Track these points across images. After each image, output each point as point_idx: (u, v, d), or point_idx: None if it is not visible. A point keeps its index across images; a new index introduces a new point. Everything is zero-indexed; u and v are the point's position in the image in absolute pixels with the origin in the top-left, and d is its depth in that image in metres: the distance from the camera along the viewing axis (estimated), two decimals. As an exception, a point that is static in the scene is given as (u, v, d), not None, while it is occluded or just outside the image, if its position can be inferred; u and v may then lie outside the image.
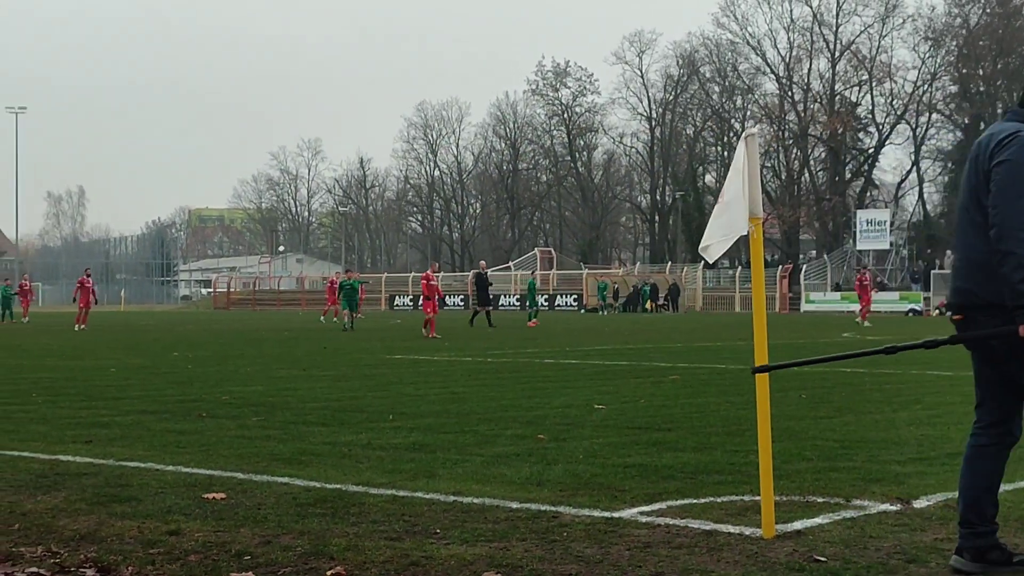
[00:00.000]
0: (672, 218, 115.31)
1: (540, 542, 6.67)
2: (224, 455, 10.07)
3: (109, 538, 6.85)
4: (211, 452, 10.27)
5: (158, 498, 8.09)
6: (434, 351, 27.65)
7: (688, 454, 9.88)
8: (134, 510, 7.65)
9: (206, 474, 9.09)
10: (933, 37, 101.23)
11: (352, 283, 44.48)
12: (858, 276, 54.79)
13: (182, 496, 8.15)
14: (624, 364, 22.48)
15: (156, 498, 8.09)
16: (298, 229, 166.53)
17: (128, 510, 7.65)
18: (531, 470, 9.08)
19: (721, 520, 7.18)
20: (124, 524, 7.20)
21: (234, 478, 8.89)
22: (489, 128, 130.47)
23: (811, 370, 20.38)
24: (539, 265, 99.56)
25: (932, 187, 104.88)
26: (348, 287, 44.19)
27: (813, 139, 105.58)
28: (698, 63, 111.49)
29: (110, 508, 7.72)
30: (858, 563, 6.12)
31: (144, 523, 7.22)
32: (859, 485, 8.34)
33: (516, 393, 15.98)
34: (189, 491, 8.34)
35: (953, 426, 11.77)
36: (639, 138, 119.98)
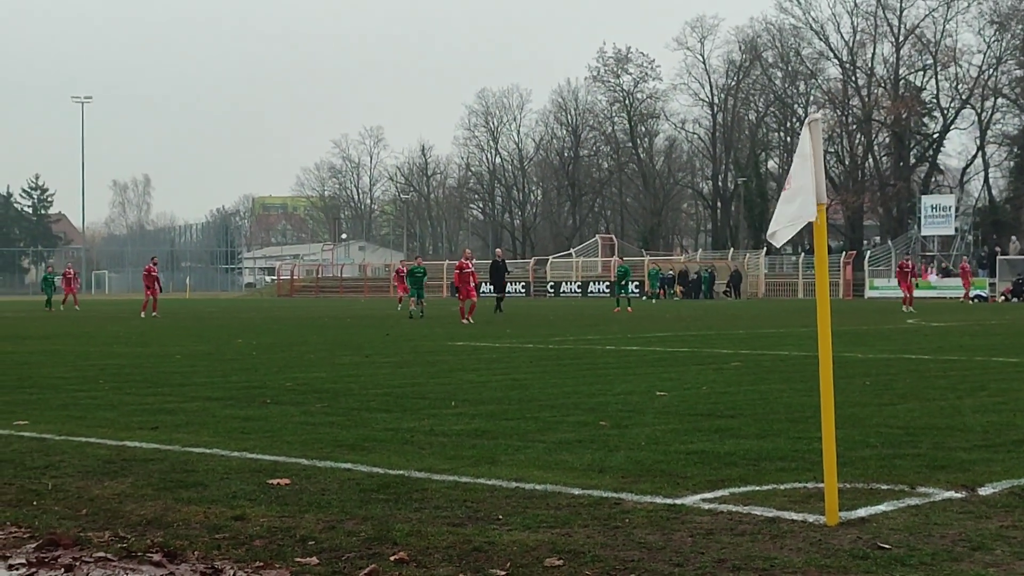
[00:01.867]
0: (734, 204, 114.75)
1: (602, 528, 6.67)
2: (288, 441, 10.15)
3: (175, 523, 6.93)
4: (275, 438, 10.35)
5: (223, 484, 8.16)
6: (496, 338, 27.68)
7: (751, 441, 9.85)
8: (200, 495, 7.73)
9: (271, 460, 9.16)
10: (998, 21, 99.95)
11: (419, 269, 43.69)
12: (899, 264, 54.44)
13: (247, 482, 8.22)
14: (686, 351, 22.42)
15: (221, 484, 8.16)
16: (360, 217, 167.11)
17: (194, 495, 7.73)
18: (593, 456, 9.09)
19: (784, 507, 7.16)
20: (190, 509, 7.28)
21: (298, 464, 8.96)
22: (550, 115, 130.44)
23: (875, 356, 20.27)
24: (600, 251, 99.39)
25: (997, 172, 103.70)
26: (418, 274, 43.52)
27: (877, 124, 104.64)
28: (760, 48, 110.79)
29: (176, 494, 7.81)
30: (923, 550, 6.08)
31: (210, 508, 7.29)
32: (924, 472, 8.28)
33: (577, 380, 15.98)
34: (254, 477, 8.41)
35: (1019, 413, 11.68)
36: (701, 124, 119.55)
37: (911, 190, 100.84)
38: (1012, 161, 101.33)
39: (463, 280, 38.53)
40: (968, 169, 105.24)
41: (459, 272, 39.13)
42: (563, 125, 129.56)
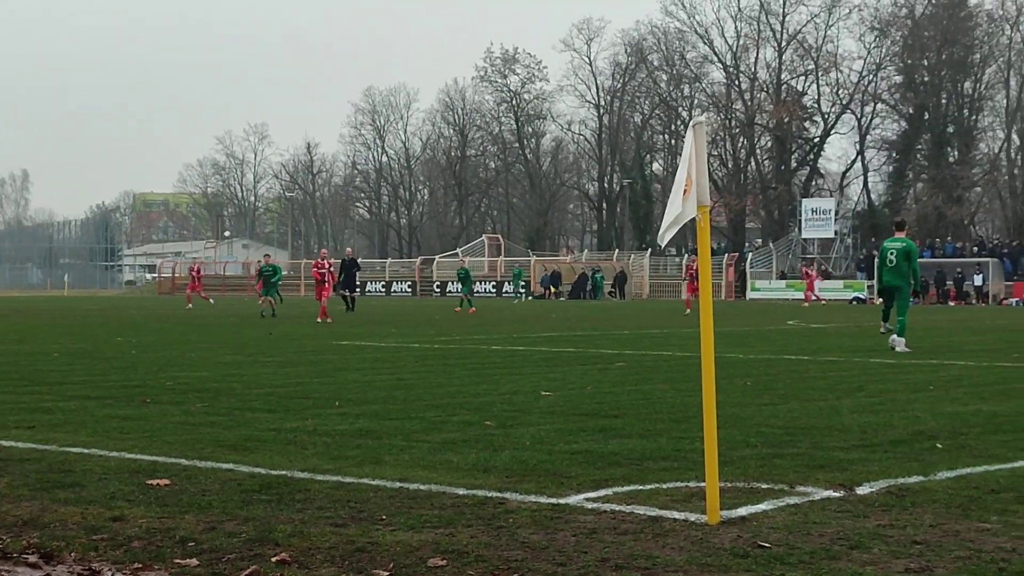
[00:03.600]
0: (619, 206, 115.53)
1: (486, 528, 6.67)
2: (168, 441, 10.01)
3: (52, 524, 6.80)
4: (155, 438, 10.21)
5: (101, 484, 8.03)
6: (381, 338, 27.59)
7: (634, 440, 9.91)
8: (77, 496, 7.59)
9: (150, 460, 9.03)
10: (879, 27, 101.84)
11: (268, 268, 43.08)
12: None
13: (126, 482, 8.09)
14: (571, 351, 22.51)
15: (99, 484, 8.03)
16: (244, 214, 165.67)
17: (71, 496, 7.60)
18: (478, 456, 9.09)
19: (667, 506, 7.21)
20: (67, 510, 7.15)
21: (178, 464, 8.84)
22: (437, 114, 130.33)
23: (756, 357, 20.52)
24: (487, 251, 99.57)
25: (877, 176, 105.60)
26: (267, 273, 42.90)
27: (759, 128, 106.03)
28: (646, 51, 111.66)
29: (53, 494, 7.66)
30: (802, 549, 6.16)
31: (87, 509, 7.17)
32: (803, 471, 8.39)
33: (463, 380, 15.97)
34: (133, 477, 8.28)
35: (896, 413, 11.88)
36: (587, 125, 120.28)
37: (792, 193, 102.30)
38: (891, 166, 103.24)
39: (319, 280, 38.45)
40: (848, 173, 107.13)
41: (316, 271, 39.06)
42: (450, 125, 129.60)
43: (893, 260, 22.57)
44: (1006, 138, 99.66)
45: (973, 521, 6.80)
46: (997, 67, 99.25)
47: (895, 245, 22.80)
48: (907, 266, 22.49)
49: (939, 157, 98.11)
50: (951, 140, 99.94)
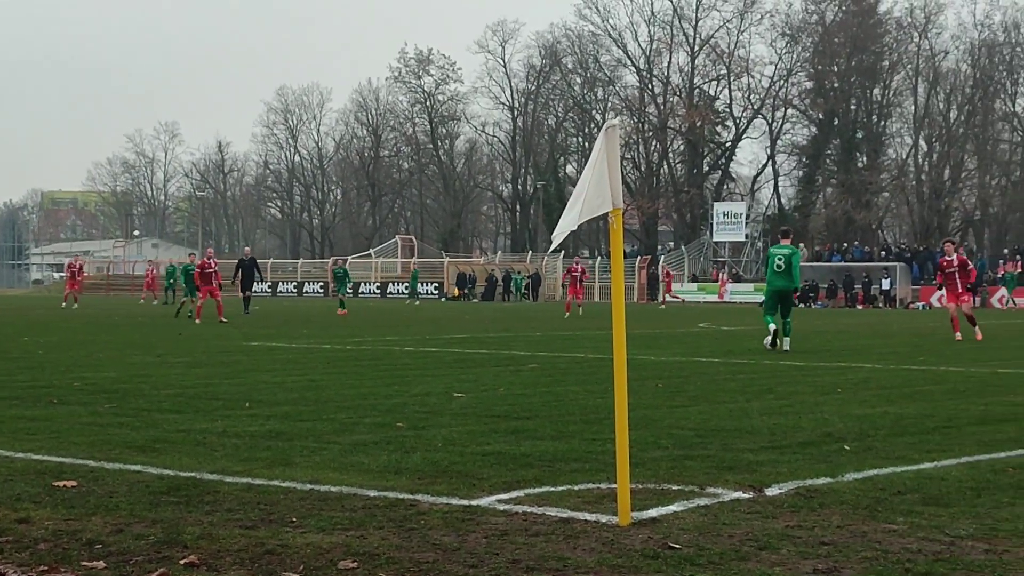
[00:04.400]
0: (533, 207, 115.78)
1: (397, 530, 6.65)
2: (75, 442, 9.88)
3: (-46, 527, 6.68)
4: (62, 439, 10.07)
5: (7, 486, 7.91)
6: (292, 338, 27.44)
7: (546, 442, 9.93)
8: (-19, 498, 7.47)
9: (56, 461, 8.91)
10: (790, 33, 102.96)
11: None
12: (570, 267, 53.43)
13: (32, 484, 7.98)
14: (484, 353, 22.52)
15: (5, 485, 7.91)
16: (154, 213, 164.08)
17: (-25, 498, 7.47)
18: (389, 458, 9.06)
19: (578, 508, 7.22)
20: (-30, 513, 7.03)
21: (86, 466, 8.73)
22: (351, 114, 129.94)
23: (668, 359, 20.65)
24: (400, 252, 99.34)
25: (787, 181, 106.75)
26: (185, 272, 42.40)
27: (672, 132, 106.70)
28: (560, 54, 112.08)
29: (-44, 496, 7.53)
30: (711, 550, 6.20)
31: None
32: (713, 473, 8.45)
33: (375, 381, 15.92)
34: (39, 479, 8.16)
35: (804, 415, 12.00)
36: (501, 127, 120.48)
37: (704, 197, 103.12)
38: (801, 170, 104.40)
39: (204, 279, 38.15)
40: (759, 177, 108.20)
41: (200, 271, 38.68)
42: (364, 125, 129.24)
43: (781, 266, 23.46)
44: (913, 144, 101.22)
45: (880, 522, 6.88)
46: (905, 74, 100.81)
47: (782, 251, 23.72)
48: (791, 273, 23.46)
49: (848, 162, 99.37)
50: (860, 146, 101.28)
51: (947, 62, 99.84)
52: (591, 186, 6.86)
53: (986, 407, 12.98)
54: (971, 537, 6.51)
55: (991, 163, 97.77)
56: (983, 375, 17.56)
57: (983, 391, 14.94)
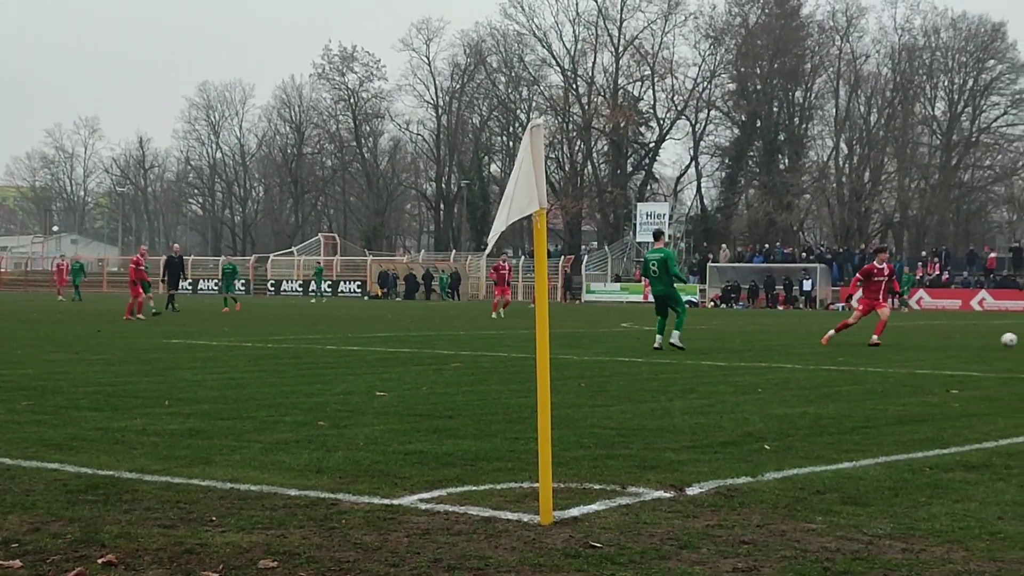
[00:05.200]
0: (457, 206, 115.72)
1: (318, 529, 6.61)
2: (-9, 440, 9.74)
3: None
4: (-23, 437, 9.93)
5: (-81, 485, 7.78)
6: (213, 336, 27.23)
7: (469, 441, 9.92)
8: None
9: (-29, 460, 8.78)
10: (714, 35, 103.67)
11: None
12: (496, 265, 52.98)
13: (-55, 483, 7.86)
14: (407, 351, 22.47)
15: (-83, 485, 7.78)
16: (73, 209, 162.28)
17: None
18: (310, 457, 9.01)
19: (500, 507, 7.22)
20: None
21: (2, 463, 8.61)
22: (274, 111, 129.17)
23: (591, 359, 20.72)
24: (323, 250, 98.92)
25: (710, 182, 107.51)
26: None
27: (596, 132, 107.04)
28: (485, 53, 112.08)
29: None
30: (632, 549, 6.22)
31: (-97, 511, 6.94)
32: (635, 472, 8.48)
33: (296, 379, 15.83)
34: (-47, 477, 8.04)
35: (726, 415, 12.08)
36: (425, 125, 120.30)
37: (628, 197, 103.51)
38: (723, 172, 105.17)
39: (139, 276, 38.18)
40: (682, 178, 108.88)
41: (135, 268, 38.55)
42: (287, 122, 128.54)
43: (656, 271, 23.52)
44: (835, 146, 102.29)
45: (799, 521, 6.94)
46: (827, 77, 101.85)
47: (655, 256, 23.75)
48: (668, 275, 23.51)
49: (770, 164, 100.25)
50: (782, 147, 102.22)
51: (868, 66, 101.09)
52: (519, 186, 6.87)
53: (904, 407, 13.13)
54: (888, 536, 6.58)
55: (910, 166, 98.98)
56: (901, 376, 17.77)
57: (901, 392, 15.11)
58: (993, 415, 12.49)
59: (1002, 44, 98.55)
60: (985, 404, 13.64)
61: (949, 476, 8.50)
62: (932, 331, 36.33)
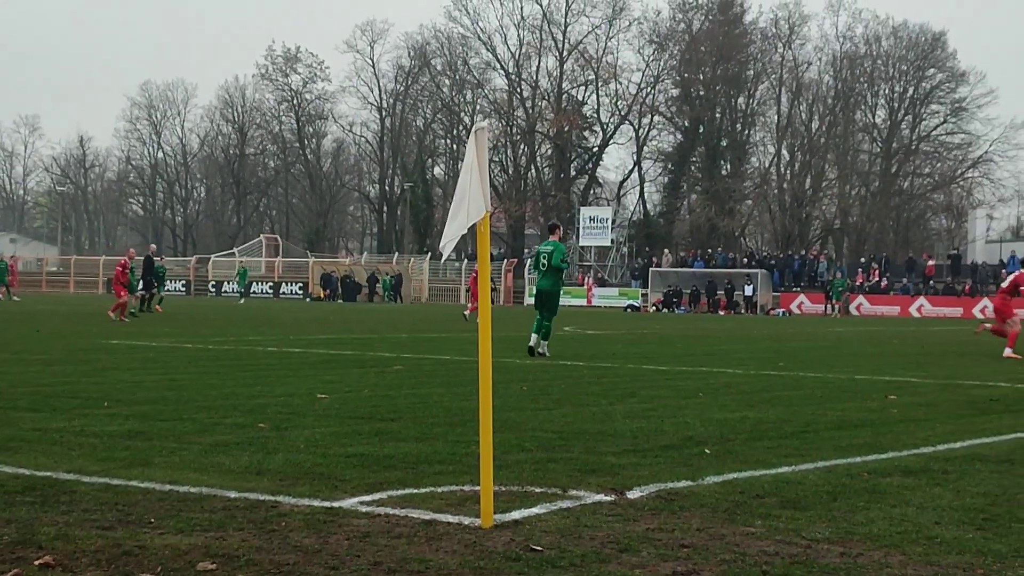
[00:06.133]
0: (400, 209, 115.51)
1: (258, 532, 6.58)
2: (-74, 441, 9.63)
3: None
4: (-88, 437, 9.81)
5: None
6: (153, 337, 27.04)
7: (410, 444, 9.91)
8: None
9: (-94, 460, 8.67)
10: (657, 41, 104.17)
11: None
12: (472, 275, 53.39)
13: None
14: (349, 354, 22.41)
15: None
16: (12, 208, 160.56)
17: None
18: (251, 459, 8.97)
19: (441, 510, 7.22)
20: None
21: (-64, 465, 8.51)
22: (216, 111, 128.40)
23: (532, 362, 20.74)
24: (264, 251, 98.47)
25: (652, 187, 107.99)
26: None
27: (540, 136, 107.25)
28: (429, 55, 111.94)
29: None
30: (573, 552, 6.23)
31: None
32: (576, 476, 8.50)
33: (237, 381, 15.75)
34: None
35: (667, 419, 12.12)
36: (369, 127, 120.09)
37: (571, 201, 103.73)
38: (666, 177, 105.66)
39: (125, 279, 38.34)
40: (625, 183, 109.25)
41: (122, 270, 38.53)
42: (229, 122, 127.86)
43: (546, 264, 22.47)
44: (776, 153, 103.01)
45: (739, 525, 6.97)
46: (769, 84, 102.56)
47: (547, 249, 22.66)
48: (558, 273, 22.57)
49: (712, 170, 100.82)
50: (724, 153, 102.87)
51: (810, 73, 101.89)
52: (473, 189, 6.86)
53: (843, 413, 13.23)
54: (827, 540, 6.63)
55: (851, 173, 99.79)
56: (840, 381, 17.90)
57: (840, 397, 15.22)
58: (931, 421, 12.60)
59: (942, 53, 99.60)
60: (923, 410, 13.77)
61: (887, 481, 8.58)
62: (871, 337, 36.63)
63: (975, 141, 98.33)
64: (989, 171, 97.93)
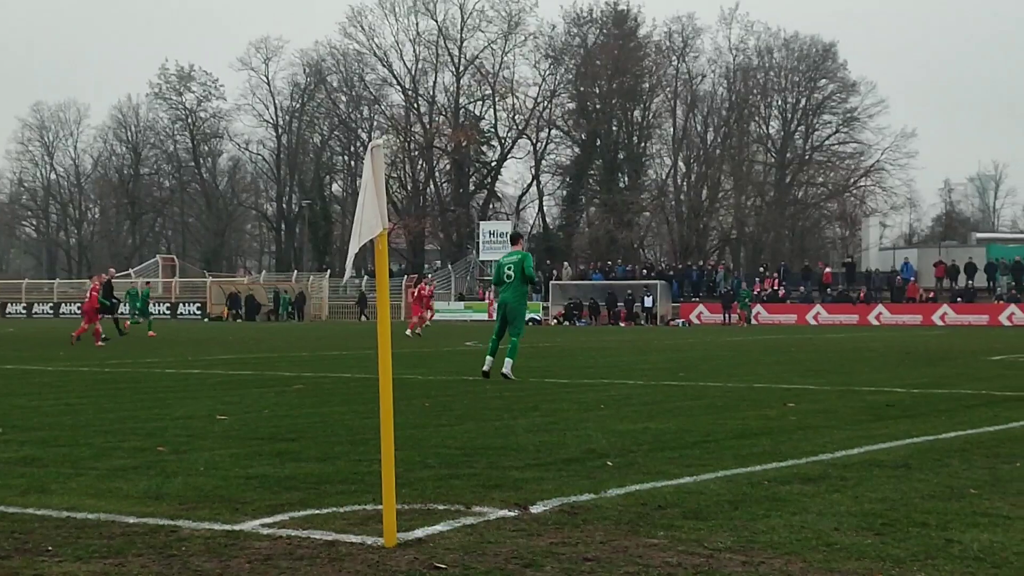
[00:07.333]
0: (299, 226, 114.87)
1: (157, 557, 6.49)
2: None
3: None
4: None
5: None
6: (47, 361, 26.62)
7: (312, 464, 9.83)
8: None
9: None
10: (553, 55, 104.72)
11: None
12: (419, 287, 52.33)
13: None
14: (248, 374, 22.22)
15: None
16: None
17: None
18: (149, 483, 8.85)
19: (343, 530, 7.17)
20: None
21: None
22: (110, 131, 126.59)
23: (435, 378, 20.69)
24: (161, 272, 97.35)
25: (551, 200, 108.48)
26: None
27: (438, 151, 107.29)
28: (325, 72, 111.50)
29: None
30: (477, 569, 6.22)
31: None
32: (479, 492, 8.48)
33: (135, 404, 15.54)
34: None
35: (569, 432, 12.14)
36: (265, 145, 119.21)
37: (470, 216, 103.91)
38: (564, 190, 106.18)
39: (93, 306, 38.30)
40: (524, 197, 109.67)
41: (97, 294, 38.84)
42: (123, 142, 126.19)
43: (511, 275, 20.77)
44: (673, 164, 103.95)
45: (641, 537, 7.00)
46: (664, 96, 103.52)
47: (511, 259, 21.08)
48: (524, 285, 20.95)
49: (610, 182, 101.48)
50: (621, 166, 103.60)
51: (704, 85, 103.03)
52: (366, 208, 6.85)
53: (743, 422, 13.34)
54: (729, 549, 6.68)
55: (746, 184, 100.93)
56: (740, 390, 18.06)
57: (740, 406, 15.35)
58: (829, 427, 12.75)
59: (833, 64, 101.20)
60: (821, 417, 13.93)
61: (787, 489, 8.66)
62: (770, 346, 37.03)
63: (867, 150, 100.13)
64: (881, 179, 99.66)
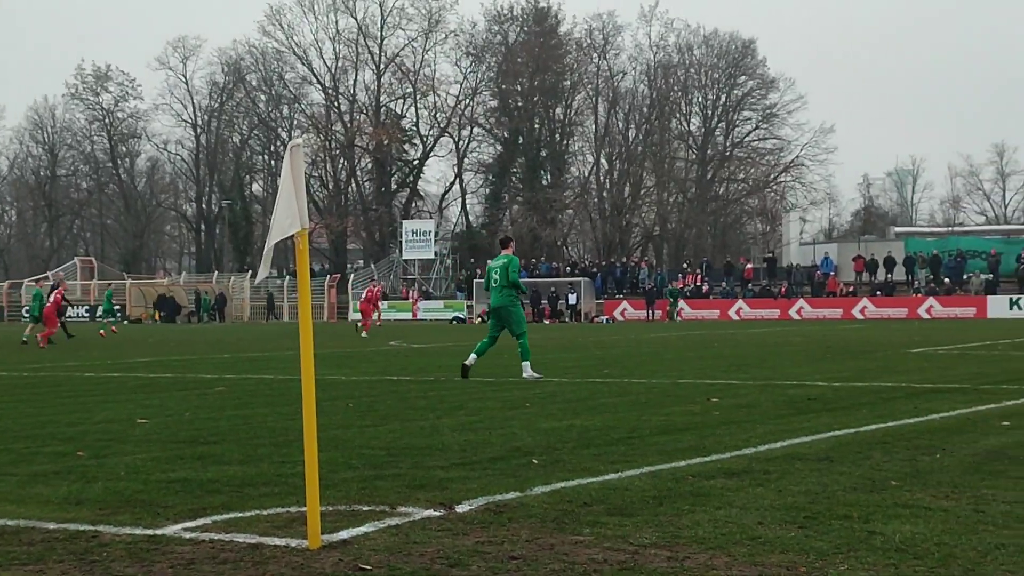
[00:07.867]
0: (219, 227, 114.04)
1: (78, 563, 6.41)
2: None
3: None
4: None
5: None
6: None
7: (234, 467, 9.75)
8: None
9: None
10: (474, 53, 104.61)
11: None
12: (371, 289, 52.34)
13: None
14: (169, 376, 22.00)
15: None
16: None
17: None
18: (70, 488, 8.73)
19: (267, 533, 7.11)
20: None
21: None
22: (25, 132, 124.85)
23: (359, 378, 20.62)
24: (79, 275, 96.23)
25: (474, 198, 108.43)
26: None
27: (360, 150, 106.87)
28: (244, 71, 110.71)
29: None
30: (402, 569, 6.19)
31: None
32: (404, 492, 8.45)
33: (55, 408, 15.35)
34: None
35: (494, 431, 12.14)
36: (184, 145, 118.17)
37: (393, 215, 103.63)
38: (487, 188, 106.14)
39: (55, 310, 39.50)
40: (447, 195, 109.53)
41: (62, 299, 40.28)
42: (39, 143, 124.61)
43: (497, 279, 20.99)
44: (595, 162, 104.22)
45: (567, 534, 7.01)
46: (586, 94, 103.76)
47: (498, 263, 21.22)
48: (514, 287, 21.08)
49: (533, 180, 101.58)
50: (544, 163, 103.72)
51: (625, 82, 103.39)
52: (280, 207, 6.81)
53: (667, 417, 13.40)
54: (654, 545, 6.70)
55: (668, 180, 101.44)
56: (664, 386, 18.15)
57: (664, 401, 15.42)
58: (752, 422, 12.84)
59: (752, 60, 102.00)
60: (744, 411, 14.02)
61: (711, 483, 8.70)
62: (693, 341, 37.25)
63: (786, 146, 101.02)
64: (801, 175, 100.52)
